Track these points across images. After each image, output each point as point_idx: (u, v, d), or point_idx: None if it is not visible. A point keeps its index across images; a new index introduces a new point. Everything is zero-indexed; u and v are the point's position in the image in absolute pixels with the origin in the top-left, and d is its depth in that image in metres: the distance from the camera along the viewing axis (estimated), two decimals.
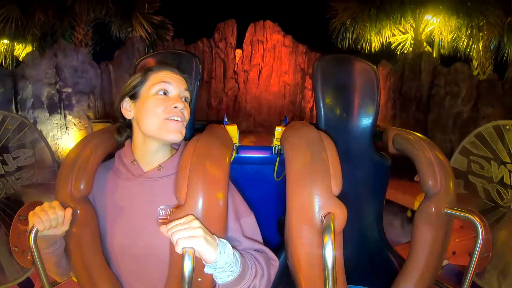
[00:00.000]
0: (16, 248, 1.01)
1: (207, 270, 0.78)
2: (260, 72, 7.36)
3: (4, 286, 1.17)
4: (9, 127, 1.25)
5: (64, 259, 0.97)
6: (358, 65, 1.32)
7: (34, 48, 6.47)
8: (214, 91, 7.28)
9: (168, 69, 0.98)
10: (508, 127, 1.26)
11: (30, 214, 0.83)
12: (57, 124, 5.00)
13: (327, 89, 1.26)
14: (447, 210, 0.94)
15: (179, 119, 0.93)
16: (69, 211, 0.87)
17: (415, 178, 1.97)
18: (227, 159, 0.91)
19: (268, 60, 7.36)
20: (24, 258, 1.02)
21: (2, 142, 1.23)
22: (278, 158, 1.34)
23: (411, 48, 6.75)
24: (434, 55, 6.56)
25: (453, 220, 0.99)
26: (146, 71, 0.98)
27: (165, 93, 0.95)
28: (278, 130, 1.29)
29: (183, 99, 0.97)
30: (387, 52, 7.07)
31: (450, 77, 5.10)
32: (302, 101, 7.36)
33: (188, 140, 1.01)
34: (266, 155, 1.39)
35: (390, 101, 5.17)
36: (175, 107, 0.93)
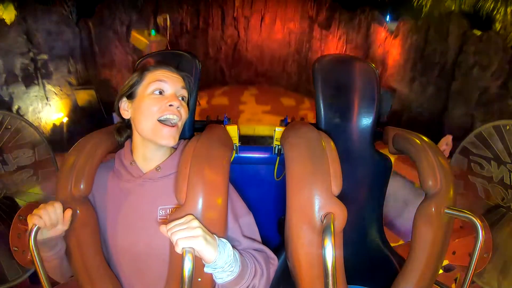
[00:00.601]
0: (16, 248, 1.01)
1: (207, 269, 0.78)
2: (262, 19, 6.58)
3: (4, 286, 1.17)
4: (9, 127, 1.25)
5: (66, 262, 0.97)
6: (358, 65, 1.32)
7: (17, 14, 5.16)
8: (212, 39, 6.45)
9: (165, 68, 0.98)
10: (508, 128, 1.26)
11: (29, 216, 0.83)
12: (36, 96, 4.28)
13: (327, 89, 1.26)
14: (447, 210, 0.94)
15: (174, 117, 0.93)
16: (68, 212, 0.87)
17: None
18: (227, 159, 0.91)
19: (272, 5, 6.57)
20: (24, 258, 1.02)
21: (2, 142, 1.23)
22: (278, 158, 1.35)
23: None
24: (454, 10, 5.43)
25: (453, 220, 0.99)
26: (143, 70, 0.98)
27: (161, 92, 0.95)
28: (278, 130, 1.29)
29: (180, 98, 0.97)
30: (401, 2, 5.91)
31: (482, 45, 4.35)
32: (309, 52, 6.48)
33: (188, 139, 1.01)
34: (266, 155, 1.39)
35: (410, 61, 4.32)
36: (170, 105, 0.93)
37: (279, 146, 1.32)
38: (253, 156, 1.39)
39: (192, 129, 1.22)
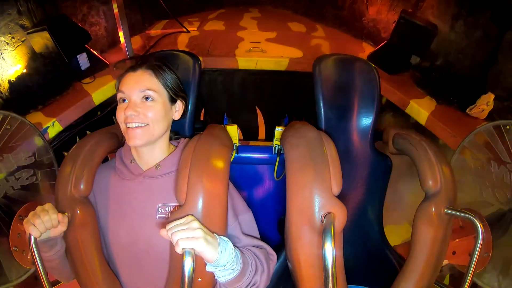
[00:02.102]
0: (16, 248, 1.01)
1: (208, 268, 0.78)
2: None
3: (4, 286, 1.17)
4: (9, 127, 1.25)
5: (67, 261, 0.97)
6: (359, 65, 1.32)
7: None
8: None
9: (130, 71, 0.97)
10: (508, 127, 1.26)
11: (25, 221, 0.83)
12: None
13: (327, 89, 1.26)
14: (447, 210, 0.94)
15: (133, 125, 0.91)
16: (64, 218, 0.86)
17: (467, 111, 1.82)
18: (227, 159, 0.91)
19: None
20: (24, 258, 1.02)
21: (2, 142, 1.23)
22: (278, 158, 1.35)
23: None
24: None
25: (453, 220, 0.99)
26: (118, 78, 0.99)
27: (124, 100, 0.94)
28: (278, 130, 1.29)
29: (144, 98, 0.94)
30: None
31: None
32: None
33: (188, 139, 1.01)
34: (266, 155, 1.39)
35: None
36: (127, 115, 0.92)
37: (279, 146, 1.32)
38: (253, 156, 1.39)
39: (192, 129, 1.22)
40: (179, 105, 1.03)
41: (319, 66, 1.28)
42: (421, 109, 1.99)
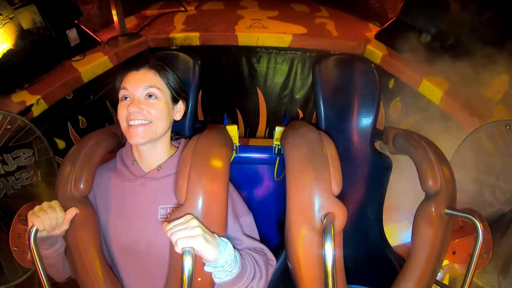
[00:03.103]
0: (16, 248, 1.00)
1: (207, 268, 0.78)
2: None
3: (4, 286, 1.17)
4: (9, 127, 1.25)
5: (66, 260, 0.97)
6: (359, 65, 1.32)
7: None
8: None
9: (133, 70, 0.96)
10: (508, 127, 1.26)
11: (30, 213, 0.83)
12: None
13: (327, 89, 1.26)
14: (447, 210, 0.94)
15: (135, 122, 0.91)
16: (69, 212, 0.87)
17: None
18: (227, 159, 0.91)
19: None
20: (24, 258, 1.02)
21: (2, 142, 1.23)
22: (278, 158, 1.35)
23: None
24: None
25: (453, 220, 0.99)
26: (120, 76, 0.98)
27: (127, 98, 0.94)
28: (278, 130, 1.29)
29: (147, 96, 0.94)
30: None
31: None
32: None
33: (189, 139, 1.01)
34: (266, 155, 1.39)
35: None
36: (130, 112, 0.91)
37: (279, 146, 1.32)
38: (253, 156, 1.39)
39: (192, 129, 1.22)
40: (181, 106, 1.03)
41: (319, 66, 1.28)
42: (434, 88, 1.89)
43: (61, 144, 1.89)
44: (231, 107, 2.88)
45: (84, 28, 2.19)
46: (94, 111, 2.10)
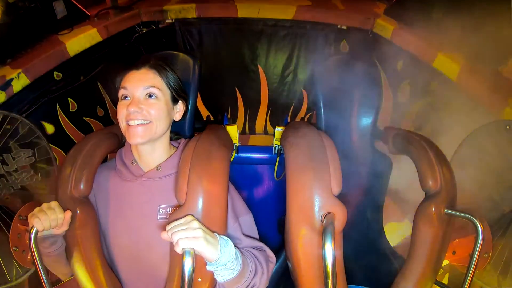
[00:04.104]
0: (16, 248, 1.00)
1: (209, 267, 0.78)
2: None
3: (4, 286, 1.17)
4: (9, 127, 1.25)
5: (66, 258, 0.97)
6: (359, 65, 1.32)
7: None
8: None
9: (133, 69, 0.96)
10: (508, 127, 1.26)
11: (30, 215, 0.83)
12: None
13: (327, 89, 1.26)
14: (447, 210, 0.94)
15: (134, 122, 0.91)
16: (68, 213, 0.87)
17: (499, 69, 1.52)
18: (227, 159, 0.91)
19: None
20: (24, 258, 1.02)
21: (2, 142, 1.23)
22: (278, 158, 1.35)
23: None
24: None
25: (453, 220, 0.99)
26: (120, 75, 0.98)
27: (127, 97, 0.94)
28: (278, 130, 1.29)
29: (147, 96, 0.93)
30: None
31: None
32: None
33: (189, 139, 1.01)
34: (266, 155, 1.39)
35: None
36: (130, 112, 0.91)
37: (279, 146, 1.32)
38: (253, 156, 1.39)
39: (192, 129, 1.22)
40: (180, 106, 1.03)
41: (319, 66, 1.28)
42: (451, 62, 1.74)
43: (49, 128, 1.76)
44: (230, 87, 2.68)
45: (72, 0, 1.99)
46: (85, 94, 1.97)
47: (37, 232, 0.82)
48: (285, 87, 2.69)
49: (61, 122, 1.83)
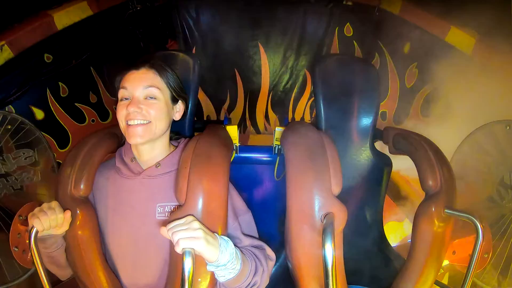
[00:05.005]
0: (16, 248, 1.00)
1: (209, 268, 0.78)
2: None
3: (4, 286, 1.17)
4: (9, 127, 1.25)
5: (65, 258, 0.97)
6: (359, 65, 1.32)
7: None
8: None
9: (133, 69, 0.96)
10: (508, 127, 1.26)
11: (30, 215, 0.83)
12: None
13: (327, 89, 1.26)
14: (447, 210, 0.94)
15: (134, 122, 0.91)
16: (68, 213, 0.87)
17: None
18: (227, 159, 0.91)
19: None
20: (24, 258, 1.02)
21: (2, 142, 1.23)
22: (278, 158, 1.35)
23: None
24: None
25: (453, 220, 0.99)
26: (120, 75, 0.98)
27: (127, 98, 0.94)
28: (278, 130, 1.29)
29: (146, 97, 0.93)
30: None
31: None
32: None
33: (189, 139, 1.01)
34: (266, 155, 1.39)
35: None
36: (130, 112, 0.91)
37: (279, 146, 1.32)
38: (253, 156, 1.39)
39: (192, 129, 1.22)
40: (180, 106, 1.03)
41: (319, 66, 1.28)
42: (465, 35, 1.65)
43: (39, 114, 1.67)
44: (228, 67, 2.51)
45: None
46: (77, 78, 1.87)
47: (37, 232, 0.82)
48: (288, 67, 2.52)
49: (51, 107, 1.75)
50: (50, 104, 1.74)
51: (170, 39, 2.47)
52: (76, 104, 1.88)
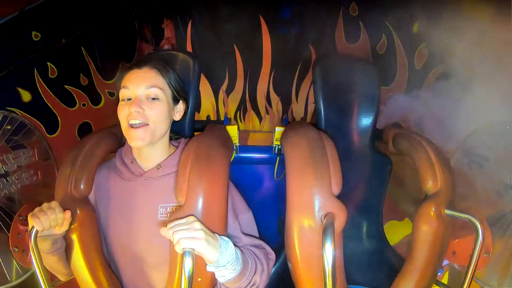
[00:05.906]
0: (16, 248, 1.01)
1: (209, 268, 0.78)
2: None
3: (4, 286, 1.17)
4: (9, 127, 1.25)
5: (65, 259, 0.97)
6: (359, 65, 1.32)
7: None
8: None
9: (135, 68, 0.96)
10: (508, 127, 1.26)
11: (30, 215, 0.83)
12: None
13: (327, 89, 1.26)
14: (447, 210, 0.94)
15: (135, 122, 0.90)
16: (68, 213, 0.87)
17: None
18: (227, 159, 0.91)
19: None
20: (24, 258, 1.02)
21: (2, 142, 1.23)
22: (278, 158, 1.35)
23: None
24: None
25: (453, 220, 0.99)
26: (122, 76, 0.97)
27: (129, 99, 0.93)
28: (278, 130, 1.29)
29: (148, 98, 0.93)
30: None
31: None
32: None
33: (189, 139, 1.01)
34: (266, 155, 1.39)
35: None
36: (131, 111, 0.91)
37: (279, 146, 1.32)
38: (253, 156, 1.39)
39: (192, 129, 1.22)
40: (181, 106, 1.03)
41: (319, 66, 1.28)
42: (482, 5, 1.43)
43: (26, 95, 1.51)
44: (226, 41, 2.33)
45: None
46: (67, 58, 1.73)
47: (37, 232, 0.82)
48: (291, 43, 2.35)
49: (38, 89, 1.59)
50: (38, 85, 1.59)
51: (165, 19, 2.35)
52: (65, 86, 1.74)
